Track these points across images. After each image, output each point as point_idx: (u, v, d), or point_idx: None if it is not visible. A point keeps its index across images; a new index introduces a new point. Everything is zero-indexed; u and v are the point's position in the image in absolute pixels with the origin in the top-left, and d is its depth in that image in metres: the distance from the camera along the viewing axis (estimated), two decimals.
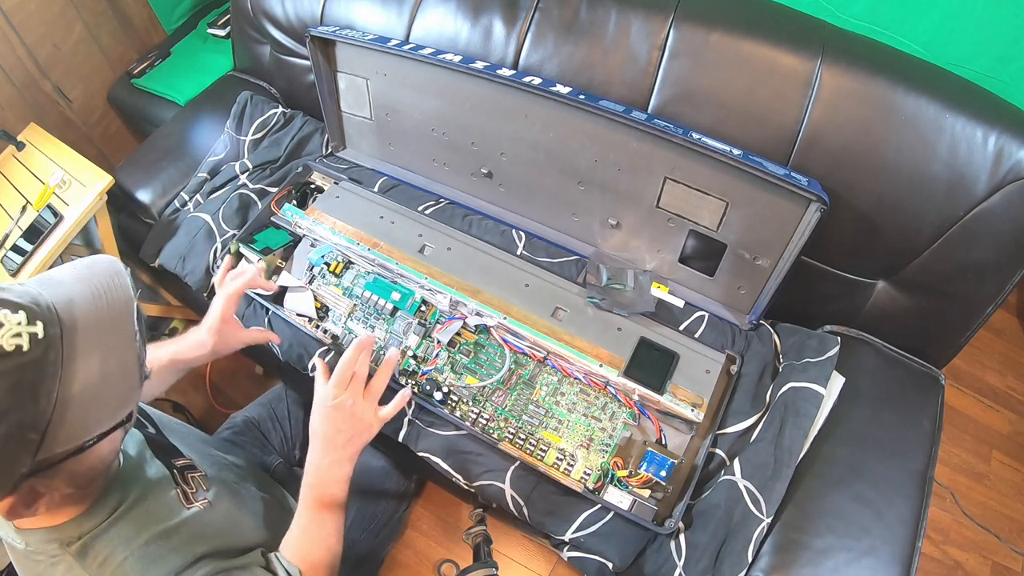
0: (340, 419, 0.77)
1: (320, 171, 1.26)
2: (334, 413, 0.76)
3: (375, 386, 0.81)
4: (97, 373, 0.49)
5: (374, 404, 0.80)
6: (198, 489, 0.70)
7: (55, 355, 0.47)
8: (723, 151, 0.87)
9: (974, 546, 1.40)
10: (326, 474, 0.76)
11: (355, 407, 0.77)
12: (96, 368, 0.49)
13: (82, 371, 0.48)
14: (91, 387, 0.49)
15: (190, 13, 1.76)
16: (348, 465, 0.77)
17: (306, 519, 0.75)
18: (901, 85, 0.92)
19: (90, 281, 0.51)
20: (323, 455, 0.76)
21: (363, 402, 0.78)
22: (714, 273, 1.04)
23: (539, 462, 0.93)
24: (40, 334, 0.46)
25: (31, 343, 0.45)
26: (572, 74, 1.07)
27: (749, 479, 0.87)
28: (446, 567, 1.35)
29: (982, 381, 1.64)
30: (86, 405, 0.49)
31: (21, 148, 1.33)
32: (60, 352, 0.47)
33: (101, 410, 0.50)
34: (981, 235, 0.93)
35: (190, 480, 0.71)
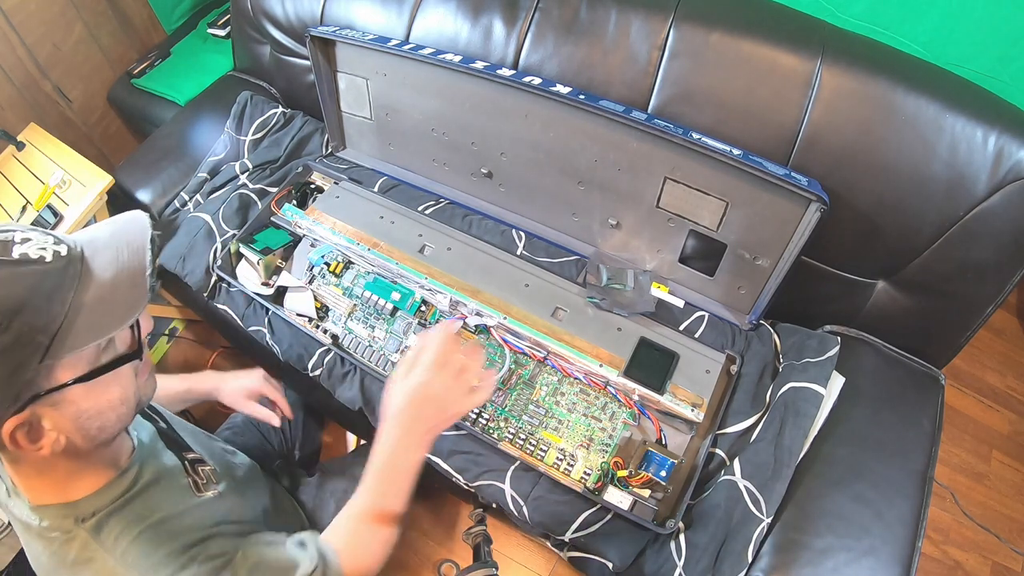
0: (428, 405, 0.71)
1: (320, 171, 1.26)
2: (423, 399, 0.70)
3: (469, 372, 0.73)
4: (110, 284, 0.53)
5: (465, 390, 0.73)
6: (208, 481, 0.71)
7: (74, 270, 0.51)
8: (723, 151, 0.87)
9: (974, 546, 1.40)
10: (398, 458, 0.70)
11: (447, 394, 0.71)
12: (109, 280, 0.53)
13: (96, 283, 0.52)
14: (103, 296, 0.52)
15: (190, 13, 1.77)
16: (423, 452, 0.72)
17: (364, 502, 0.70)
18: (901, 85, 0.92)
19: (113, 223, 0.57)
20: (399, 437, 0.70)
21: (456, 389, 0.72)
22: (714, 273, 1.04)
23: (539, 462, 0.93)
24: (63, 252, 0.51)
25: (54, 257, 0.50)
26: (572, 74, 1.07)
27: (749, 479, 0.87)
28: (446, 567, 1.35)
29: (982, 381, 1.64)
30: (95, 311, 0.51)
31: (21, 148, 1.34)
32: (79, 268, 0.51)
33: (110, 315, 0.52)
34: (981, 235, 0.92)
35: (200, 472, 0.71)
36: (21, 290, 0.48)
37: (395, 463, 0.70)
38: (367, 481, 0.71)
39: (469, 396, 0.73)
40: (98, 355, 0.54)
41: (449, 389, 0.71)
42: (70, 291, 0.50)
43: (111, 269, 0.53)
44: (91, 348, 0.52)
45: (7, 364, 0.48)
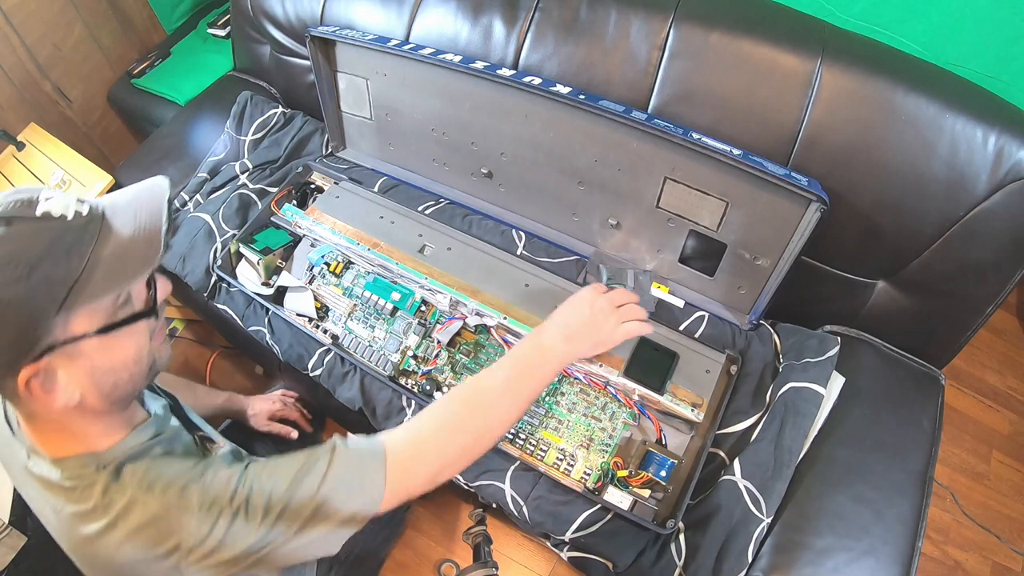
0: (591, 313, 0.77)
1: (320, 171, 1.26)
2: (589, 307, 0.78)
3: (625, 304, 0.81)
4: (127, 241, 0.55)
5: (619, 321, 0.79)
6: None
7: (94, 228, 0.54)
8: (723, 151, 0.87)
9: (974, 546, 1.40)
10: (549, 348, 0.75)
11: (609, 314, 0.78)
12: (127, 238, 0.55)
13: (114, 241, 0.55)
14: (120, 252, 0.55)
15: (190, 13, 1.76)
16: (572, 349, 0.76)
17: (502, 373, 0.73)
18: (901, 85, 0.92)
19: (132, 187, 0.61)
20: (556, 332, 0.76)
21: (611, 314, 0.78)
22: (714, 273, 1.04)
23: (539, 462, 0.93)
24: (84, 211, 0.54)
25: (75, 215, 0.53)
26: (572, 74, 1.07)
27: (749, 479, 0.87)
28: (446, 567, 1.35)
29: (982, 381, 1.64)
30: (113, 266, 0.54)
31: (21, 148, 1.34)
32: (99, 226, 0.54)
33: (126, 269, 0.55)
34: (981, 235, 0.92)
35: (209, 448, 0.71)
36: (42, 244, 0.50)
37: (535, 350, 0.75)
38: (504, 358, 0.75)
39: (622, 326, 0.79)
40: (115, 310, 0.55)
41: (603, 310, 0.78)
42: (89, 246, 0.53)
43: (129, 228, 0.56)
44: (108, 302, 0.54)
45: (26, 312, 0.50)
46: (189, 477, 0.59)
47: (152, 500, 0.56)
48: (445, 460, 0.67)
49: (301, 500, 0.59)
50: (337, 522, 0.61)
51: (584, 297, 0.79)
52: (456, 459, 0.68)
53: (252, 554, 0.58)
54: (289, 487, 0.60)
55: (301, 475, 0.60)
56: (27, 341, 0.51)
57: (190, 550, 0.56)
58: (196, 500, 0.57)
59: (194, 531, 0.56)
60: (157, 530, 0.56)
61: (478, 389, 0.72)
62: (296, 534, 0.59)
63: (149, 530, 0.56)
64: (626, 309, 0.80)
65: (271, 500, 0.58)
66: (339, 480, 0.61)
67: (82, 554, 0.59)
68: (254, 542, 0.58)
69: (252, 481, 0.59)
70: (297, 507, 0.59)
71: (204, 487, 0.58)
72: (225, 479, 0.59)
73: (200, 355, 1.69)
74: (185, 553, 0.56)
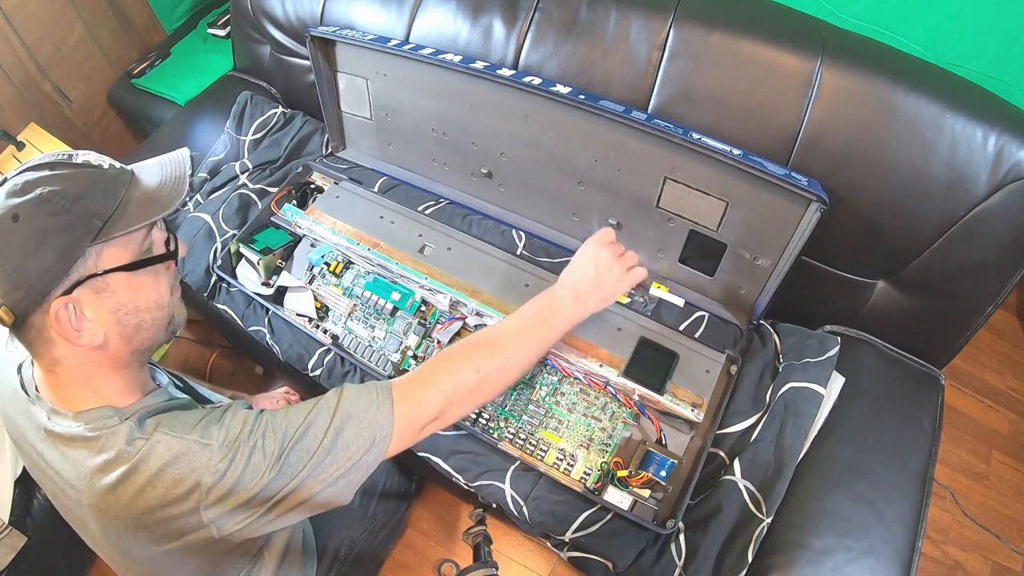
0: (596, 266, 0.82)
1: (320, 171, 1.26)
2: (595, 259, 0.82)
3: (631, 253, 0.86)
4: (155, 187, 0.63)
5: (624, 271, 0.84)
6: None
7: (126, 176, 0.62)
8: (723, 151, 0.87)
9: (974, 546, 1.40)
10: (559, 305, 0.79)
11: (614, 264, 0.83)
12: (155, 185, 0.63)
13: (144, 187, 0.62)
14: (149, 194, 0.62)
15: (190, 13, 1.76)
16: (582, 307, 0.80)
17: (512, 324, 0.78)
18: (901, 85, 0.92)
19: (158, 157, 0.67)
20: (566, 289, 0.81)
21: (615, 264, 0.83)
22: (714, 273, 1.04)
23: (539, 462, 0.93)
24: (118, 166, 0.62)
25: (110, 167, 0.62)
26: (572, 74, 1.07)
27: (749, 479, 0.87)
28: (446, 567, 1.35)
29: (982, 381, 1.64)
30: (143, 204, 0.61)
31: (21, 148, 1.33)
32: (130, 177, 0.62)
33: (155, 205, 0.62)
34: (981, 235, 0.92)
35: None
36: (83, 183, 0.57)
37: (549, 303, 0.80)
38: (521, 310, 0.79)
39: (626, 275, 0.84)
40: (140, 252, 0.61)
41: (613, 260, 0.83)
42: (123, 189, 0.60)
43: (156, 178, 0.64)
44: (136, 241, 0.61)
45: (67, 239, 0.56)
46: (209, 419, 0.61)
47: (174, 440, 0.59)
48: (452, 395, 0.70)
49: (315, 434, 0.62)
50: (350, 459, 0.63)
51: (589, 256, 0.83)
52: (463, 396, 0.71)
53: (269, 497, 0.60)
54: (303, 423, 0.62)
55: (313, 413, 0.63)
56: (63, 268, 0.56)
57: (209, 489, 0.58)
58: (216, 438, 0.59)
59: (213, 468, 0.58)
60: (178, 469, 0.57)
61: (488, 335, 0.76)
62: (310, 473, 0.61)
63: (171, 470, 0.57)
64: (629, 256, 0.86)
65: (286, 436, 0.61)
66: (349, 413, 0.64)
67: (104, 509, 0.60)
68: (269, 480, 0.59)
69: (268, 419, 0.62)
70: (310, 442, 0.61)
71: (224, 424, 0.61)
72: (242, 419, 0.62)
73: (200, 355, 1.69)
74: (205, 492, 0.57)
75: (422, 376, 0.70)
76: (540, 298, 0.81)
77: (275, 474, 0.59)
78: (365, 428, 0.64)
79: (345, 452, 0.63)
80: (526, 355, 0.76)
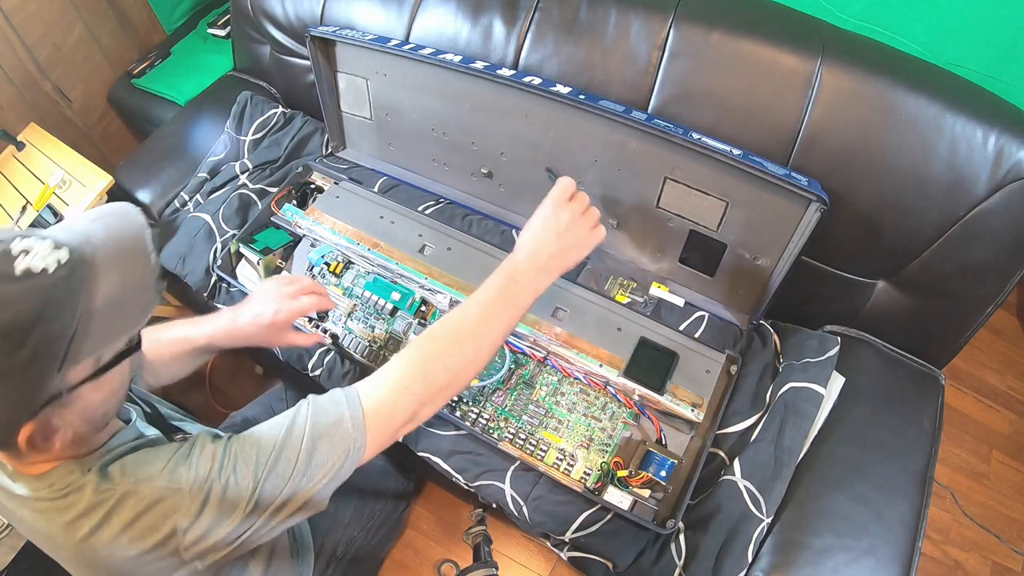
0: (559, 227, 0.76)
1: (320, 171, 1.26)
2: (556, 219, 0.76)
3: (593, 210, 0.80)
4: (118, 287, 0.53)
5: (588, 228, 0.79)
6: None
7: (80, 273, 0.51)
8: (723, 151, 0.87)
9: (974, 546, 1.40)
10: (522, 276, 0.74)
11: (577, 221, 0.77)
12: (117, 283, 0.53)
13: (104, 287, 0.52)
14: (113, 300, 0.53)
15: (190, 13, 1.76)
16: (546, 279, 0.76)
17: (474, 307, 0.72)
18: (901, 85, 0.92)
19: (102, 219, 0.56)
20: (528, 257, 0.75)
21: (582, 219, 0.78)
22: (714, 273, 1.04)
23: (539, 462, 0.93)
24: (64, 258, 0.50)
25: (57, 265, 0.49)
26: (572, 74, 1.07)
27: (749, 479, 0.87)
28: (446, 567, 1.35)
29: (982, 381, 1.64)
30: (108, 316, 0.52)
31: (21, 148, 1.34)
32: (84, 272, 0.51)
33: (123, 319, 0.54)
34: (981, 235, 0.92)
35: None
36: (32, 305, 0.47)
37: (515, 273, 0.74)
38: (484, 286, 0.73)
39: (594, 231, 0.79)
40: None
41: (574, 218, 0.77)
42: (79, 296, 0.50)
43: (115, 272, 0.53)
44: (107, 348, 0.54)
45: (30, 377, 0.49)
46: (176, 459, 0.59)
47: (143, 488, 0.57)
48: (423, 396, 0.68)
49: (288, 459, 0.60)
50: (326, 474, 0.62)
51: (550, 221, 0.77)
52: (435, 395, 0.69)
53: (249, 526, 0.59)
54: (274, 449, 0.60)
55: (283, 437, 0.61)
56: (32, 403, 0.50)
57: (186, 532, 0.56)
58: (186, 480, 0.57)
59: (186, 510, 0.56)
60: (152, 518, 0.56)
61: (454, 325, 0.71)
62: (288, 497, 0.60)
63: (144, 519, 0.56)
64: (592, 213, 0.80)
65: (258, 467, 0.59)
66: (319, 431, 0.62)
67: (83, 559, 0.59)
68: (247, 513, 0.58)
69: (237, 451, 0.60)
70: (284, 467, 0.60)
71: (191, 464, 0.58)
72: (211, 455, 0.59)
73: None
74: (182, 536, 0.56)
75: (391, 380, 0.68)
76: (502, 274, 0.75)
77: (252, 506, 0.58)
78: (338, 443, 0.62)
79: (320, 469, 0.61)
80: (494, 339, 0.73)
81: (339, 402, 0.64)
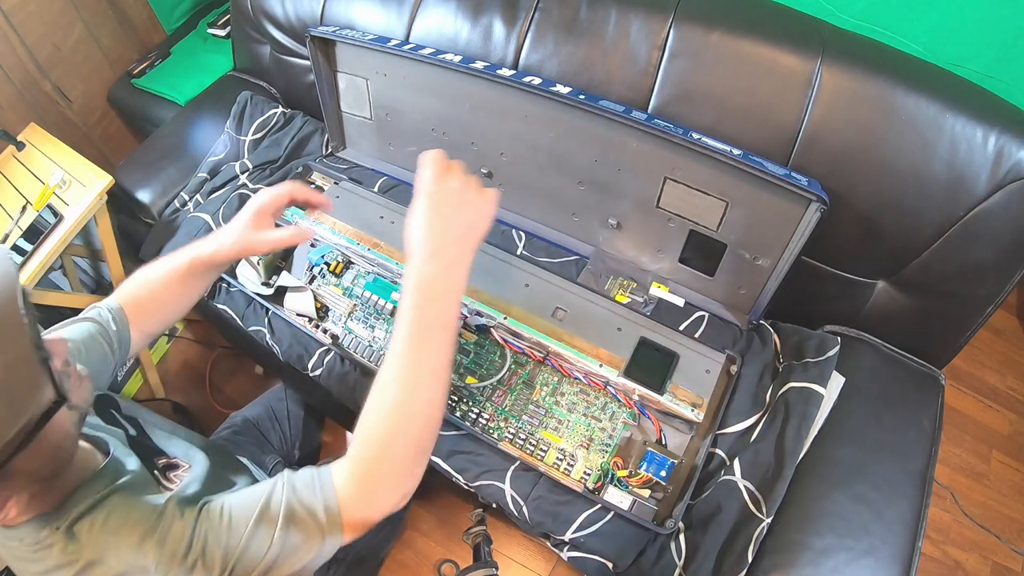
0: (450, 206, 0.64)
1: (320, 171, 1.26)
2: (442, 200, 0.63)
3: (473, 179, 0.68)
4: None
5: (479, 195, 0.66)
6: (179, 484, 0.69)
7: None
8: (723, 151, 0.87)
9: (974, 546, 1.40)
10: (434, 285, 0.62)
11: (465, 191, 0.65)
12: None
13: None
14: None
15: (190, 13, 1.76)
16: (463, 270, 0.64)
17: (402, 353, 0.61)
18: (901, 85, 0.92)
19: None
20: (429, 258, 0.62)
21: (470, 183, 0.66)
22: (714, 273, 1.04)
23: (539, 462, 0.93)
24: None
25: None
26: (572, 74, 1.07)
27: (749, 479, 0.87)
28: (446, 567, 1.35)
29: (982, 381, 1.64)
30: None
31: (21, 148, 1.33)
32: None
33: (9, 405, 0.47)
34: (981, 235, 0.92)
35: (171, 477, 0.69)
36: None
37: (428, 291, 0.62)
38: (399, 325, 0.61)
39: (488, 192, 0.67)
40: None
41: (465, 185, 0.65)
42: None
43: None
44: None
45: None
46: (144, 530, 0.56)
47: (109, 558, 0.54)
48: (403, 471, 0.61)
49: (259, 546, 0.57)
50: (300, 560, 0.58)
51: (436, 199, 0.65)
52: (416, 458, 0.62)
53: None
54: (245, 534, 0.56)
55: (255, 523, 0.57)
56: None
57: None
58: (153, 557, 0.55)
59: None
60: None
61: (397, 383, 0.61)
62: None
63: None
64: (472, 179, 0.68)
65: (228, 551, 0.56)
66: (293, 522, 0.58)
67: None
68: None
69: (207, 532, 0.57)
70: (255, 554, 0.56)
71: (160, 540, 0.55)
72: (180, 531, 0.56)
73: (200, 355, 1.69)
74: None
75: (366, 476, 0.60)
76: (411, 296, 0.62)
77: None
78: (313, 534, 0.58)
79: (292, 557, 0.58)
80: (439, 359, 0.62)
81: (314, 488, 0.59)
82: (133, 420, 0.74)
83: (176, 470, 0.70)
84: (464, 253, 0.65)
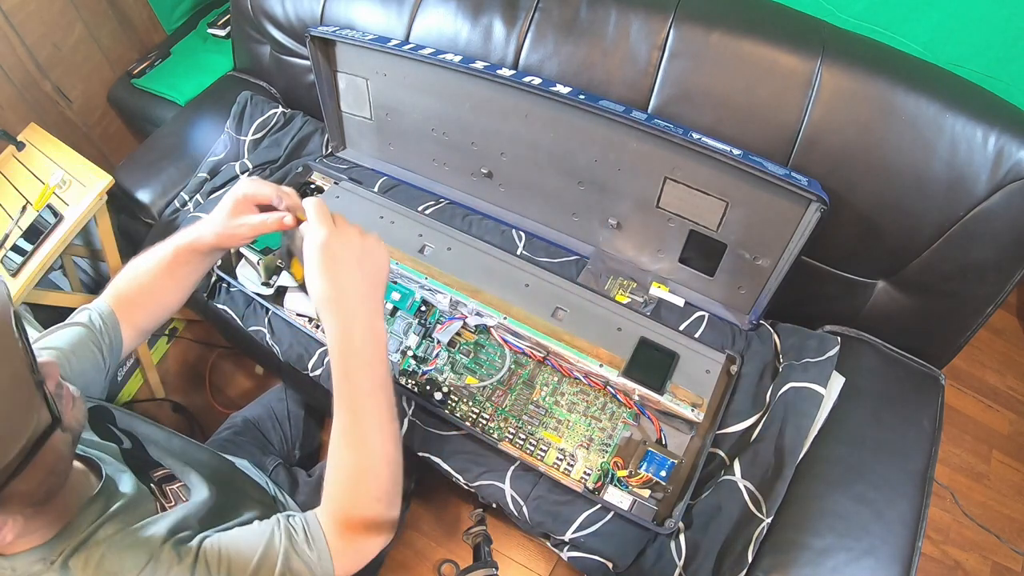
0: (351, 254, 0.63)
1: (320, 171, 1.26)
2: (342, 249, 0.62)
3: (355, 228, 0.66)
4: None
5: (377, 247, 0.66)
6: (176, 501, 0.68)
7: None
8: (723, 151, 0.87)
9: (974, 546, 1.40)
10: (359, 352, 0.62)
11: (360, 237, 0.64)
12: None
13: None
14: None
15: (190, 13, 1.76)
16: (379, 321, 0.64)
17: (346, 423, 0.63)
18: (901, 85, 0.92)
19: None
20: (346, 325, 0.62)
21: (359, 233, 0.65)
22: (714, 273, 1.04)
23: (539, 462, 0.93)
24: None
25: None
26: (572, 74, 1.07)
27: (749, 479, 0.87)
28: (446, 567, 1.35)
29: (982, 381, 1.64)
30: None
31: (21, 148, 1.33)
32: None
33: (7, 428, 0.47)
34: (981, 235, 0.92)
35: (168, 493, 0.68)
36: None
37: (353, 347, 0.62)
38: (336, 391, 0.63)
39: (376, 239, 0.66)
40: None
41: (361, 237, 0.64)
42: None
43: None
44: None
45: None
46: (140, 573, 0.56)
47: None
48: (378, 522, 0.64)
49: None
50: None
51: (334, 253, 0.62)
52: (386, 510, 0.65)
53: None
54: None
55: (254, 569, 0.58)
56: None
57: None
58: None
59: None
60: None
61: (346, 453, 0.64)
62: None
63: None
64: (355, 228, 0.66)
65: None
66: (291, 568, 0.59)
67: None
68: None
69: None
70: None
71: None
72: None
73: (200, 355, 1.69)
74: None
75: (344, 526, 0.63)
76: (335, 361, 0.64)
77: None
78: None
79: None
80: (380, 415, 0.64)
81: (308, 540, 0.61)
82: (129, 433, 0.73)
83: (172, 483, 0.69)
84: (376, 305, 0.66)
